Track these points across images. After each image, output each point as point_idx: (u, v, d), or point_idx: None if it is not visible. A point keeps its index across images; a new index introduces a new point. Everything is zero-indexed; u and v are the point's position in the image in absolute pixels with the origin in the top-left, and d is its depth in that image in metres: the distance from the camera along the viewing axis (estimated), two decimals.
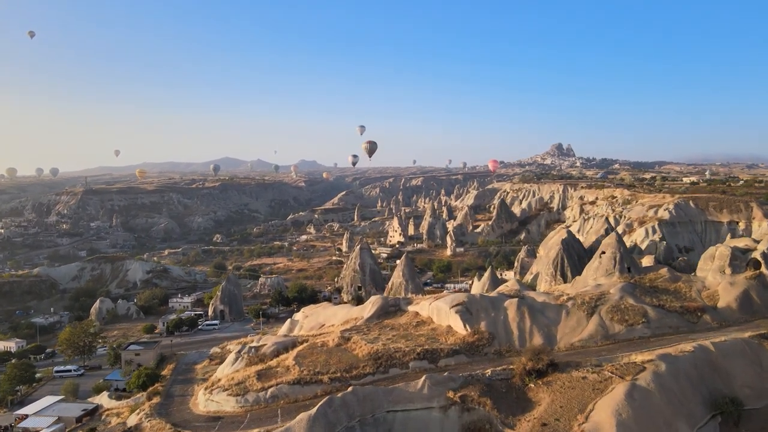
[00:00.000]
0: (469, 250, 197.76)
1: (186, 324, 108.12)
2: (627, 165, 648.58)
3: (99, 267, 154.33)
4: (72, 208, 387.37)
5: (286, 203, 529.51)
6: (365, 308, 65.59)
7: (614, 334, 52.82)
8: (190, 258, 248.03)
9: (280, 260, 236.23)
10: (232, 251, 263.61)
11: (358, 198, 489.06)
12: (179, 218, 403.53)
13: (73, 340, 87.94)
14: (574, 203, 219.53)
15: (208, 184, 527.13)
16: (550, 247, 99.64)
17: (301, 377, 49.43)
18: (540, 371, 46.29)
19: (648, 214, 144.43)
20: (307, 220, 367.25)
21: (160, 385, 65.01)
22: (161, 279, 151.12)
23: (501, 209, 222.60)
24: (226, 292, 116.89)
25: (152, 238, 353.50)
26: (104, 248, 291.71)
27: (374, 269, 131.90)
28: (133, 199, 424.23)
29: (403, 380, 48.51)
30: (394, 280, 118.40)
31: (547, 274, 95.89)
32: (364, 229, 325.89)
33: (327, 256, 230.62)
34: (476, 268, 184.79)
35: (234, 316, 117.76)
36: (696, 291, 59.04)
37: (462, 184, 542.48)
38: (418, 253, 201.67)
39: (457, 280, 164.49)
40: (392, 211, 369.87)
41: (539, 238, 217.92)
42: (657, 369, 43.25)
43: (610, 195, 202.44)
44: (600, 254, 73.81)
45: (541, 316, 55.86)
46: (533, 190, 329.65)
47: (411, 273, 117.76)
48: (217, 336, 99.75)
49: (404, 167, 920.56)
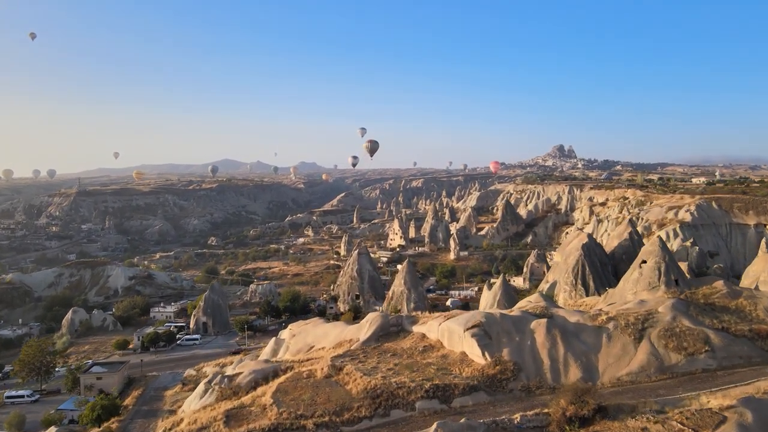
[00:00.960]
0: (473, 254, 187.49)
1: (163, 339, 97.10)
2: (629, 166, 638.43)
3: (78, 273, 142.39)
4: (64, 209, 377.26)
5: (285, 205, 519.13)
6: (362, 328, 55.31)
7: (671, 366, 42.52)
8: (182, 262, 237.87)
9: (275, 264, 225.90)
10: (227, 255, 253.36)
11: (357, 200, 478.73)
12: (175, 220, 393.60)
13: (27, 360, 76.94)
14: (583, 204, 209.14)
15: (205, 186, 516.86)
16: (568, 253, 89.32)
17: (279, 422, 39.16)
18: (584, 418, 36.05)
19: (667, 216, 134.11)
20: (305, 222, 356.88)
21: (118, 420, 54.76)
22: (145, 286, 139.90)
23: (506, 211, 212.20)
24: (210, 303, 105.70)
25: (146, 240, 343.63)
26: (95, 251, 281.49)
27: (373, 276, 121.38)
28: (127, 201, 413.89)
29: (408, 427, 38.42)
30: (394, 288, 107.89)
31: (566, 283, 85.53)
32: (363, 231, 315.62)
33: (324, 260, 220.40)
34: (481, 272, 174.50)
35: (218, 329, 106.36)
36: (763, 310, 48.70)
37: (463, 185, 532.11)
38: (420, 257, 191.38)
39: (461, 286, 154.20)
40: (392, 213, 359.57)
41: (546, 241, 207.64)
42: (742, 420, 32.96)
43: (622, 196, 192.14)
44: (640, 264, 63.46)
45: (577, 341, 45.57)
46: (537, 192, 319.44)
47: (413, 281, 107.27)
48: (197, 353, 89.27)
49: (404, 169, 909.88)
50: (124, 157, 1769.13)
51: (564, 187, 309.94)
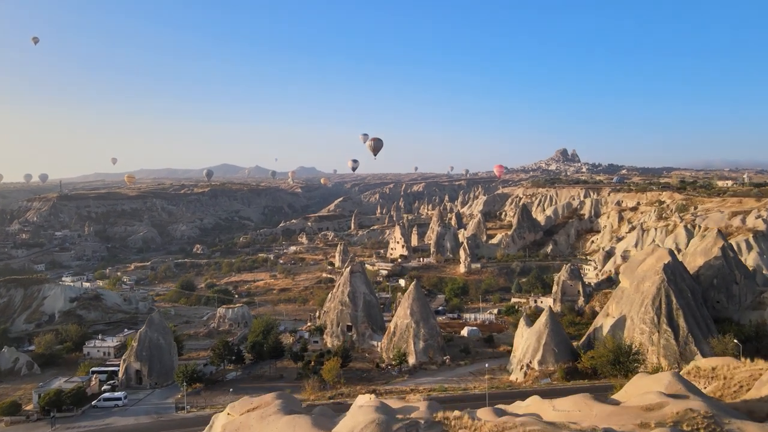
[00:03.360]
0: (486, 267, 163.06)
1: (70, 400, 65.55)
2: (635, 171, 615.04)
3: (7, 293, 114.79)
4: (43, 215, 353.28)
5: (280, 210, 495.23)
6: None
7: None
8: (159, 273, 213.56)
9: (262, 276, 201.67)
10: (210, 265, 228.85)
11: (356, 204, 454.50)
12: (162, 226, 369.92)
13: None
14: (610, 209, 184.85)
15: (197, 190, 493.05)
16: (641, 277, 64.98)
17: None
18: None
19: (732, 223, 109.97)
20: (300, 228, 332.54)
21: None
22: (89, 309, 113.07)
23: (522, 217, 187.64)
24: (146, 343, 74.42)
25: (128, 248, 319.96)
26: (67, 260, 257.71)
27: (370, 301, 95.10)
28: (112, 206, 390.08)
29: None
30: (397, 321, 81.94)
31: (642, 321, 60.92)
32: (361, 238, 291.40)
33: (317, 272, 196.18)
34: (498, 289, 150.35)
35: (156, 380, 75.70)
36: None
37: (466, 190, 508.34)
38: (425, 270, 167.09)
39: (477, 306, 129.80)
40: (393, 219, 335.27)
41: (569, 250, 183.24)
42: None
43: (656, 199, 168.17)
44: None
45: None
46: (550, 195, 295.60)
47: (423, 310, 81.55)
48: (114, 424, 60.51)
49: (405, 173, 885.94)
50: (123, 162, 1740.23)
51: (579, 190, 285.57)
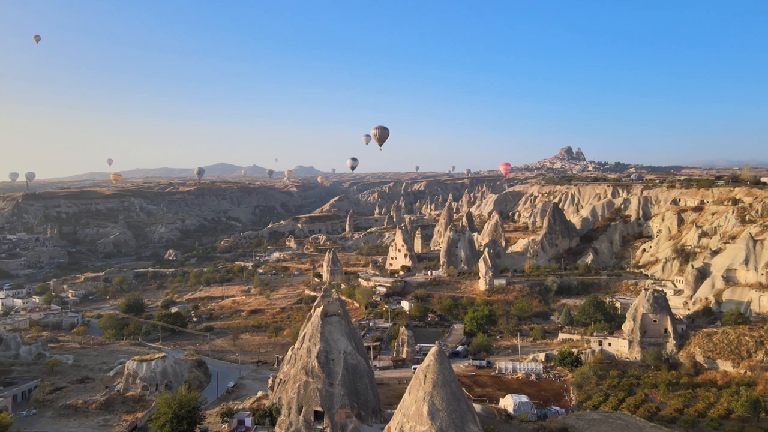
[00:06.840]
0: (513, 283, 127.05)
1: None
2: (643, 169, 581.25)
3: None
4: (5, 216, 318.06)
5: (272, 210, 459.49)
6: None
7: None
8: (113, 286, 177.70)
9: (233, 290, 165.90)
10: (176, 275, 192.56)
11: (353, 204, 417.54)
12: (139, 228, 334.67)
13: None
14: (664, 209, 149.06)
15: (183, 189, 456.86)
16: None
17: None
18: None
19: None
20: (289, 230, 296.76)
21: None
22: None
23: (554, 219, 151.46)
24: None
25: (97, 252, 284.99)
26: (15, 269, 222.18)
27: (356, 366, 52.62)
28: (85, 206, 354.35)
29: None
30: (404, 426, 40.33)
31: None
32: (357, 242, 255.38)
33: (300, 286, 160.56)
34: (532, 314, 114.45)
35: None
36: None
37: (470, 189, 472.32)
38: (435, 288, 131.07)
39: (509, 343, 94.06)
40: (393, 220, 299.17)
41: (613, 261, 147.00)
42: None
43: (728, 197, 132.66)
44: None
45: None
46: (572, 193, 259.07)
47: (457, 409, 41.70)
48: None
49: (404, 173, 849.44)
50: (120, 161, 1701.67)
51: (605, 187, 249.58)
